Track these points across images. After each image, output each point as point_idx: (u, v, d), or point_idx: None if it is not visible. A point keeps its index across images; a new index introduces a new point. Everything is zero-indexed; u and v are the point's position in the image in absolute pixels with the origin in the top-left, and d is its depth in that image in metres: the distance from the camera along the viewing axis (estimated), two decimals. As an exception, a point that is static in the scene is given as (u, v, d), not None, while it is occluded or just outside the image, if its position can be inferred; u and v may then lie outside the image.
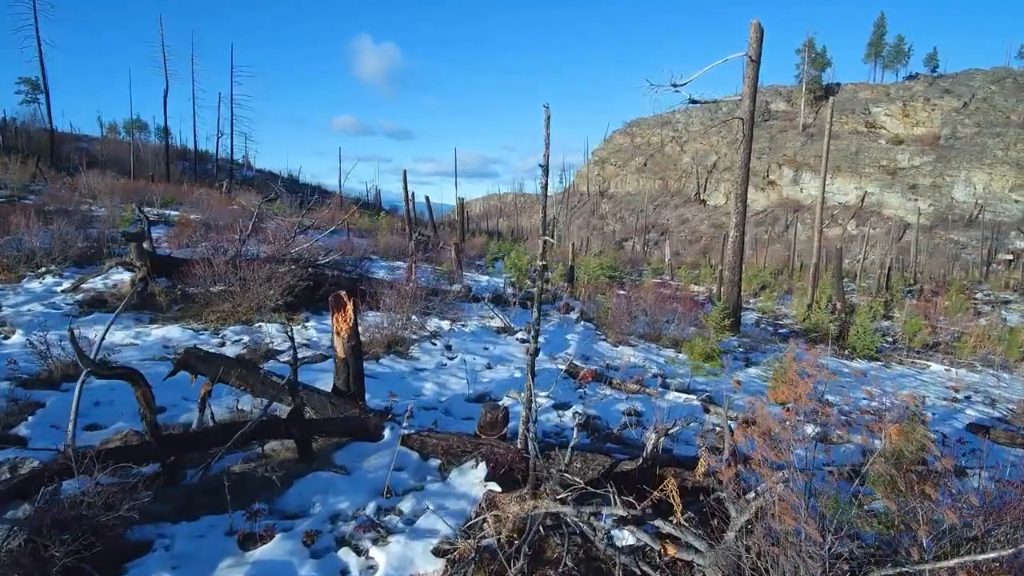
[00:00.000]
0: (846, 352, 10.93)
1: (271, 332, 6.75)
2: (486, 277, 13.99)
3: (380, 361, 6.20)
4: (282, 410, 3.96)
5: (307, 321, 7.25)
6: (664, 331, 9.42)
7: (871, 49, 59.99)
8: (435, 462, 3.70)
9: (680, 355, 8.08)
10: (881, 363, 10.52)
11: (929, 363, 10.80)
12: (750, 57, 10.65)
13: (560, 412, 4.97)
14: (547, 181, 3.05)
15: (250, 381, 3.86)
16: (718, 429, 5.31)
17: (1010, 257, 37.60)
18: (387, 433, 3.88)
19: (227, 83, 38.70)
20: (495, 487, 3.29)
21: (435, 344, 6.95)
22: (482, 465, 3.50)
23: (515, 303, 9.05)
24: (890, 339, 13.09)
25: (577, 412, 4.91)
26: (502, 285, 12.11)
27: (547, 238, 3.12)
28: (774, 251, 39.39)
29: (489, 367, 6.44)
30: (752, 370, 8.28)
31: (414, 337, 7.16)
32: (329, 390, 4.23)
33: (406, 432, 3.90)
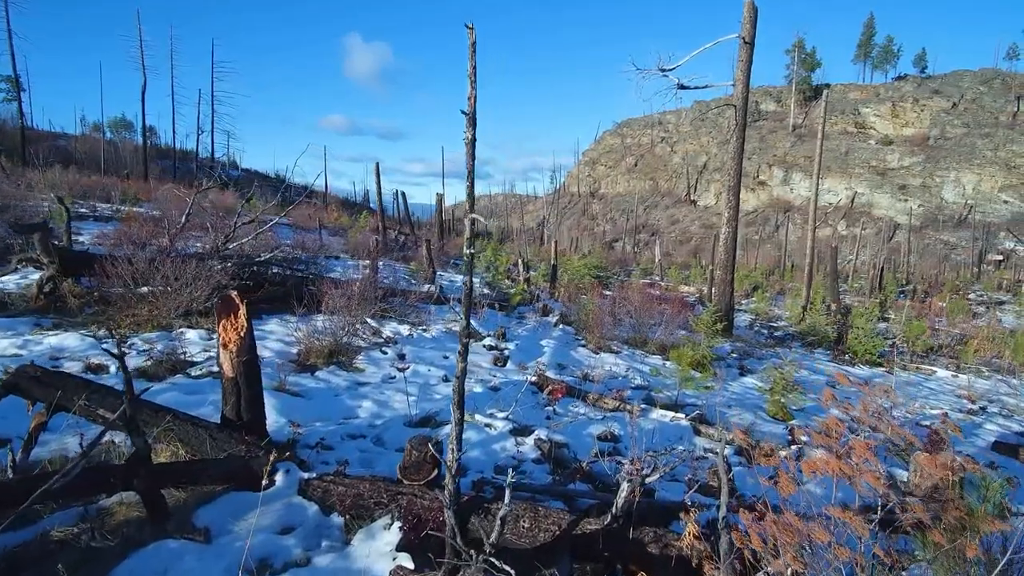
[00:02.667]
0: (846, 357, 10.17)
1: (193, 339, 5.80)
2: (462, 276, 13.07)
3: (316, 374, 5.27)
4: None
5: (240, 326, 6.28)
6: (651, 335, 8.57)
7: (860, 50, 59.97)
8: (340, 518, 2.79)
9: (667, 363, 7.23)
10: (884, 369, 9.76)
11: (934, 368, 10.06)
12: (743, 39, 9.86)
13: (519, 439, 4.07)
14: (474, 135, 2.16)
15: (100, 409, 2.93)
16: (711, 455, 4.45)
17: (1000, 257, 37.41)
18: (280, 478, 2.96)
19: (208, 80, 37.49)
20: (406, 561, 2.39)
21: (386, 352, 6.03)
22: (396, 526, 2.60)
23: (484, 305, 8.16)
24: (889, 342, 12.36)
25: (540, 439, 4.02)
26: (477, 285, 11.20)
27: (476, 216, 2.23)
28: (765, 251, 38.91)
29: (446, 380, 5.53)
30: (748, 379, 7.44)
31: (363, 344, 6.23)
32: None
33: (307, 476, 2.98)
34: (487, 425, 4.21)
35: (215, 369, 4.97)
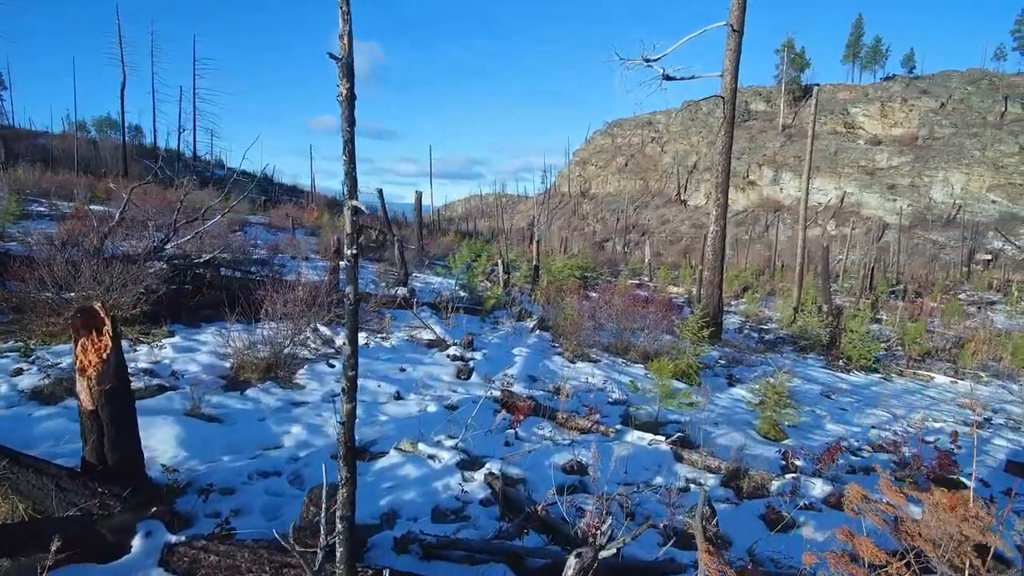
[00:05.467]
0: (840, 363, 9.65)
1: (112, 352, 5.10)
2: (439, 278, 12.43)
3: (246, 392, 4.61)
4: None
5: (171, 336, 5.60)
6: (634, 341, 7.98)
7: (849, 50, 60.05)
8: (210, 597, 2.15)
9: (650, 373, 6.64)
10: (880, 375, 9.26)
11: (932, 374, 9.58)
12: (731, 26, 9.31)
13: (467, 474, 3.45)
14: (350, 90, 1.54)
15: None
16: (694, 487, 3.86)
17: (988, 257, 37.40)
18: (139, 542, 2.31)
19: (189, 77, 36.51)
20: (271, 676, 1.75)
21: (333, 365, 5.37)
22: (270, 616, 1.96)
23: (451, 308, 7.51)
24: (884, 344, 11.89)
25: (491, 474, 3.39)
26: (454, 286, 10.57)
27: (358, 204, 1.61)
28: (755, 251, 38.64)
29: (397, 397, 4.90)
30: (737, 390, 6.88)
31: (309, 356, 5.57)
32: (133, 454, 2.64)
33: (174, 540, 2.33)
34: (431, 457, 3.58)
35: (124, 389, 4.29)
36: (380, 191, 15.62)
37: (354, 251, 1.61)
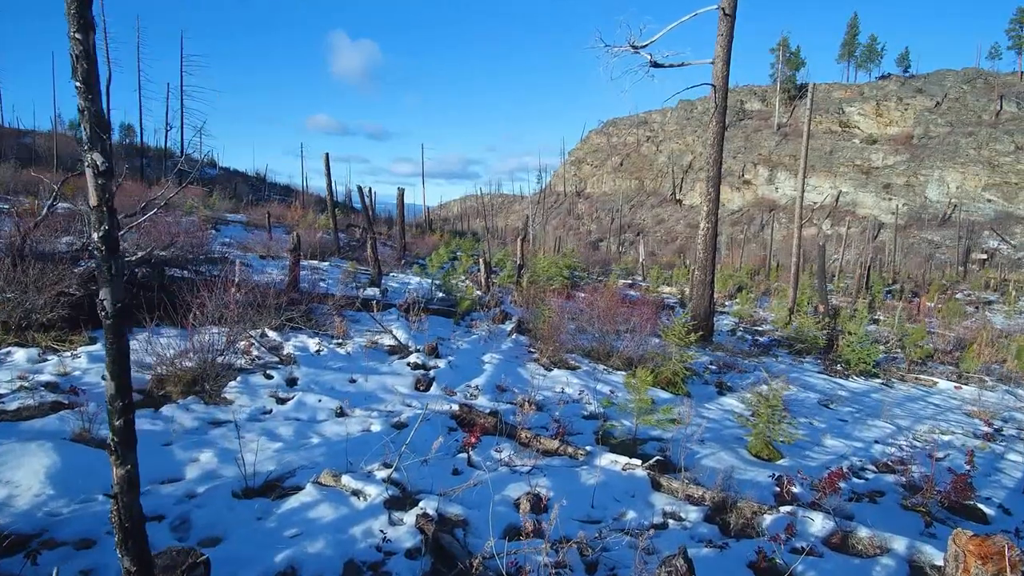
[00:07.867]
0: (838, 367, 9.11)
1: (17, 361, 4.49)
2: (416, 278, 11.83)
3: (161, 410, 4.00)
4: None
5: (92, 344, 4.99)
6: (618, 346, 7.40)
7: (844, 49, 59.72)
8: None
9: (633, 381, 6.06)
10: (881, 380, 8.72)
11: (935, 379, 9.04)
12: (723, 10, 8.77)
13: (396, 515, 2.85)
14: None
15: None
16: (672, 524, 3.28)
17: (984, 256, 37.10)
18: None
19: (177, 75, 35.77)
20: None
21: (271, 377, 4.77)
22: None
23: (418, 310, 6.90)
24: (883, 347, 11.36)
25: (425, 515, 2.80)
26: (427, 287, 9.98)
27: (97, 157, 0.99)
28: (750, 250, 38.22)
29: (340, 413, 4.30)
30: (728, 400, 6.31)
31: (246, 366, 4.97)
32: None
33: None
34: (356, 493, 2.99)
35: (11, 406, 3.68)
36: (360, 188, 15.02)
37: (103, 231, 1.02)
